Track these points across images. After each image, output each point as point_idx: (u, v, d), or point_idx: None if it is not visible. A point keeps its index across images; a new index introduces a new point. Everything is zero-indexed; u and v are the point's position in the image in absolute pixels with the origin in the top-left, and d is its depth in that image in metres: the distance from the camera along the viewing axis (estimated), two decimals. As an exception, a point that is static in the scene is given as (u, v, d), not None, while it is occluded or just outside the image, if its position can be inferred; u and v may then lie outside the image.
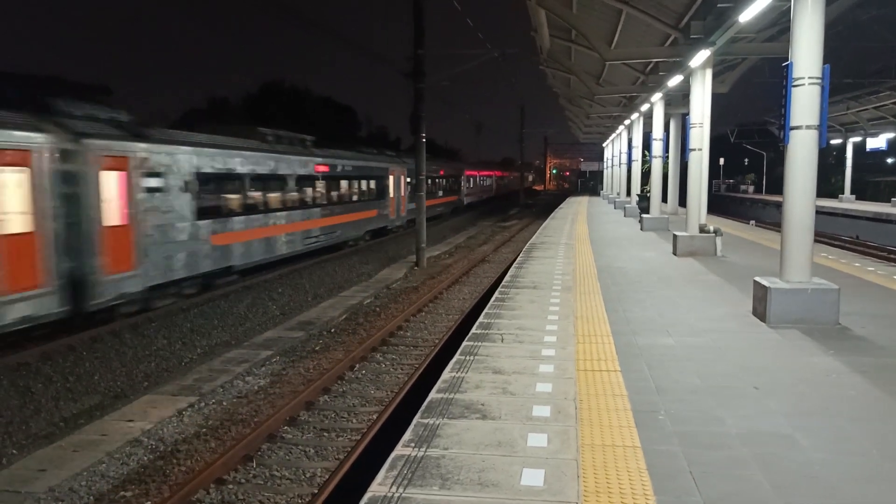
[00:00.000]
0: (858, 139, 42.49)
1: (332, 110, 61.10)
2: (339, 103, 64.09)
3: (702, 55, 13.24)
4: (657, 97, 20.37)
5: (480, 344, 6.85)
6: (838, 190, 45.73)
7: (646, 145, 28.65)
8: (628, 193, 33.12)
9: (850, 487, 3.81)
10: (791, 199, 7.80)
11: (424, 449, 4.18)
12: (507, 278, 11.29)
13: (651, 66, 20.61)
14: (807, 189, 7.72)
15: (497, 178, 66.69)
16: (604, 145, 53.48)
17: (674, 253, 14.58)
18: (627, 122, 31.63)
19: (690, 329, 7.64)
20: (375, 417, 8.27)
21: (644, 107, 24.55)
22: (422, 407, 4.96)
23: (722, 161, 61.37)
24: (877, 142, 42.13)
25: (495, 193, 64.81)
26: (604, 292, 9.96)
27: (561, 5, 15.63)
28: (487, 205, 58.82)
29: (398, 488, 3.66)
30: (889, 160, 49.32)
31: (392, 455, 4.09)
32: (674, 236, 14.75)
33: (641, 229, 21.00)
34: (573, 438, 4.36)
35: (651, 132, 21.19)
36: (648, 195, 22.31)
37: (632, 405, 5.07)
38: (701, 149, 14.45)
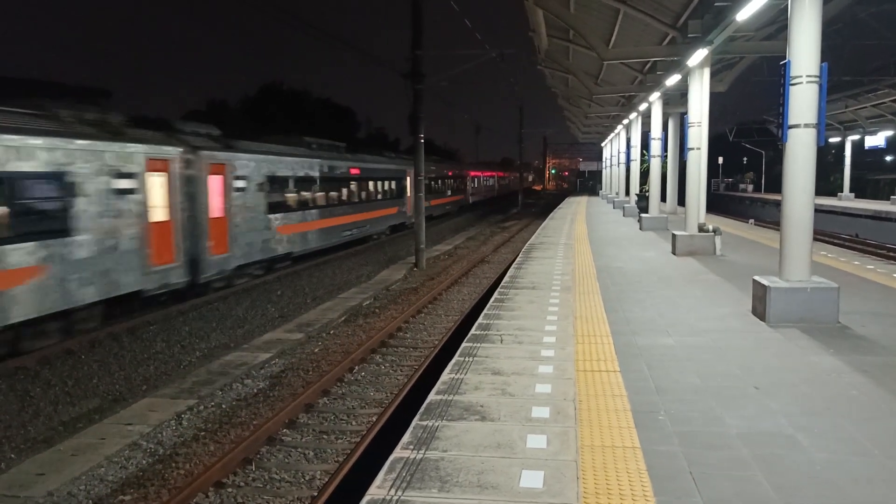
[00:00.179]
0: (857, 137, 42.50)
1: (332, 111, 61.12)
2: (339, 104, 64.22)
3: (699, 54, 13.23)
4: (655, 96, 20.35)
5: (479, 345, 6.83)
6: (837, 188, 45.72)
7: (644, 145, 28.68)
8: (627, 193, 33.12)
9: (853, 487, 3.78)
10: (790, 198, 7.78)
11: (423, 451, 4.16)
12: (507, 279, 11.28)
13: (649, 66, 20.60)
14: (806, 187, 7.70)
15: (499, 179, 69.63)
16: (602, 145, 53.51)
17: (673, 252, 14.57)
18: (626, 122, 31.63)
19: (690, 329, 7.62)
20: (375, 419, 8.25)
21: (642, 106, 24.54)
22: (421, 409, 4.93)
23: (721, 160, 61.33)
24: (875, 140, 42.16)
25: (497, 193, 67.53)
26: (603, 292, 9.95)
27: (558, 5, 15.62)
28: (490, 203, 60.95)
29: (397, 491, 3.63)
30: (888, 158, 49.32)
31: (391, 457, 4.07)
32: (673, 236, 14.74)
33: (640, 229, 20.99)
34: (573, 439, 4.34)
35: (650, 131, 21.18)
36: (647, 195, 22.29)
37: (631, 406, 5.05)
38: (699, 148, 14.44)
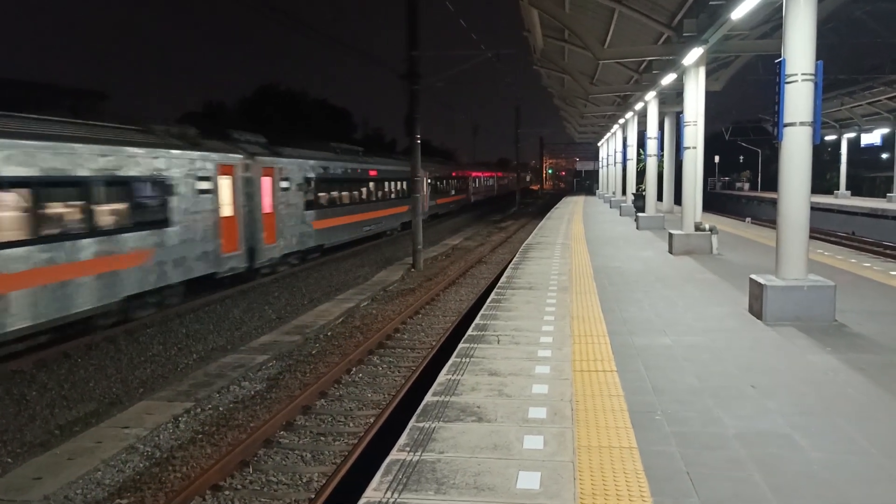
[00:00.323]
0: (853, 135, 42.55)
1: (328, 113, 61.08)
2: (335, 106, 64.15)
3: (695, 53, 13.23)
4: (651, 96, 20.35)
5: (476, 346, 6.82)
6: (834, 186, 45.81)
7: (640, 144, 28.69)
8: (624, 192, 33.12)
9: (851, 487, 3.77)
10: (786, 196, 7.78)
11: (420, 453, 4.14)
12: (504, 279, 11.27)
13: (645, 65, 20.61)
14: (801, 186, 7.70)
15: (498, 179, 72.74)
16: (599, 145, 53.50)
17: (670, 251, 14.57)
18: (622, 122, 31.63)
19: (687, 328, 7.62)
20: (372, 421, 8.23)
21: (638, 106, 24.55)
22: (417, 410, 4.92)
23: (717, 159, 61.41)
24: (871, 137, 42.19)
25: (496, 193, 70.28)
26: (600, 292, 9.94)
27: (553, 5, 15.61)
28: (490, 203, 63.31)
29: (393, 493, 3.62)
30: (884, 156, 49.35)
31: (387, 460, 4.05)
32: (669, 235, 14.74)
33: (637, 228, 21.00)
34: (569, 440, 4.34)
35: (646, 131, 21.17)
36: (644, 194, 22.29)
37: (628, 406, 5.04)
38: (695, 147, 14.43)
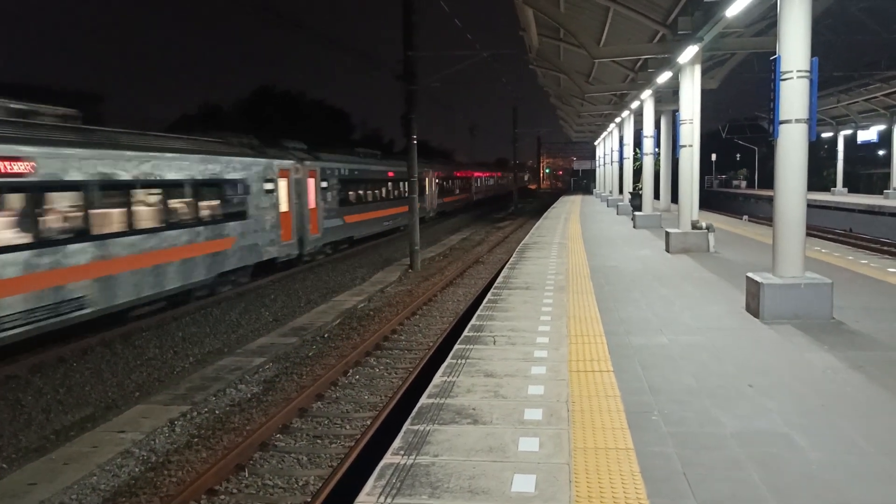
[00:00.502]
0: (849, 132, 42.58)
1: (326, 114, 61.05)
2: (333, 107, 64.13)
3: (690, 51, 13.20)
4: (647, 94, 20.33)
5: (472, 347, 6.79)
6: (830, 183, 45.85)
7: (637, 143, 28.65)
8: (621, 191, 33.11)
9: (850, 487, 3.74)
10: (782, 194, 7.75)
11: (414, 457, 4.10)
12: (500, 279, 11.23)
13: (640, 64, 20.56)
14: (797, 183, 7.66)
15: (498, 179, 75.70)
16: (595, 144, 53.49)
17: (666, 250, 14.54)
18: (618, 120, 31.61)
19: (684, 327, 7.58)
20: (369, 423, 8.19)
21: (634, 104, 24.50)
22: (412, 413, 4.88)
23: (714, 157, 61.45)
24: (868, 134, 42.25)
25: (496, 192, 73.07)
26: (597, 291, 9.91)
27: (548, 4, 15.58)
28: (490, 202, 65.54)
29: (386, 498, 3.58)
30: (880, 152, 49.38)
31: (381, 464, 4.01)
32: (666, 233, 14.71)
33: (634, 227, 20.97)
34: (566, 442, 4.30)
35: (642, 129, 21.15)
36: (641, 193, 22.27)
37: (625, 406, 5.00)
38: (691, 145, 14.40)
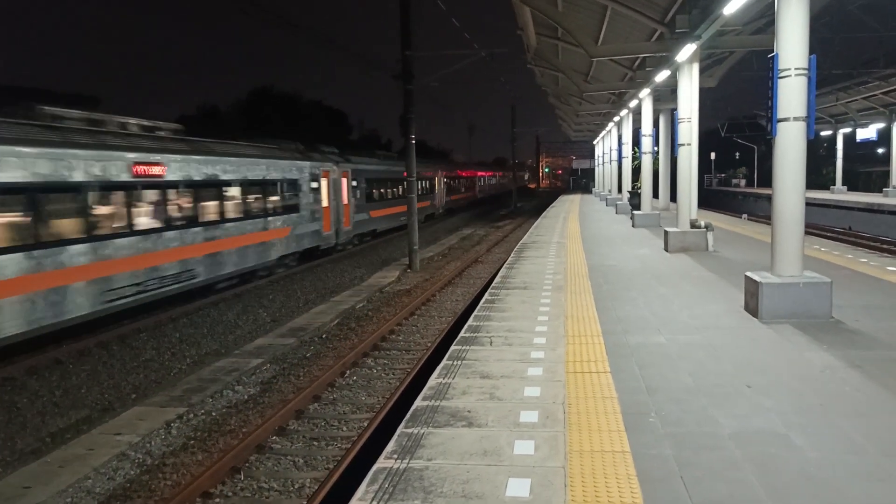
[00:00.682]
0: (848, 130, 42.53)
1: (324, 114, 60.96)
2: (331, 107, 64.01)
3: (688, 49, 13.15)
4: (645, 93, 20.28)
5: (469, 348, 6.74)
6: (830, 181, 45.80)
7: (636, 141, 28.60)
8: (619, 190, 33.07)
9: (848, 487, 3.70)
10: (780, 192, 7.70)
11: (408, 460, 4.06)
12: (498, 279, 11.19)
13: (638, 62, 20.52)
14: (796, 181, 7.62)
15: (499, 178, 78.16)
16: (594, 143, 53.45)
17: (665, 249, 14.50)
18: (617, 119, 31.58)
19: (682, 326, 7.54)
20: (366, 425, 8.15)
21: (633, 103, 24.46)
22: (406, 416, 4.83)
23: (713, 155, 61.37)
24: (867, 132, 42.20)
25: (497, 191, 75.17)
26: (595, 291, 9.86)
27: (546, 3, 15.53)
28: (490, 202, 66.90)
29: (379, 503, 3.53)
30: (879, 150, 49.35)
31: (373, 468, 3.96)
32: (665, 232, 14.67)
33: (633, 226, 20.93)
34: (561, 445, 4.25)
35: (641, 128, 21.10)
36: (639, 191, 22.22)
37: (622, 407, 4.96)
38: (690, 144, 14.35)
